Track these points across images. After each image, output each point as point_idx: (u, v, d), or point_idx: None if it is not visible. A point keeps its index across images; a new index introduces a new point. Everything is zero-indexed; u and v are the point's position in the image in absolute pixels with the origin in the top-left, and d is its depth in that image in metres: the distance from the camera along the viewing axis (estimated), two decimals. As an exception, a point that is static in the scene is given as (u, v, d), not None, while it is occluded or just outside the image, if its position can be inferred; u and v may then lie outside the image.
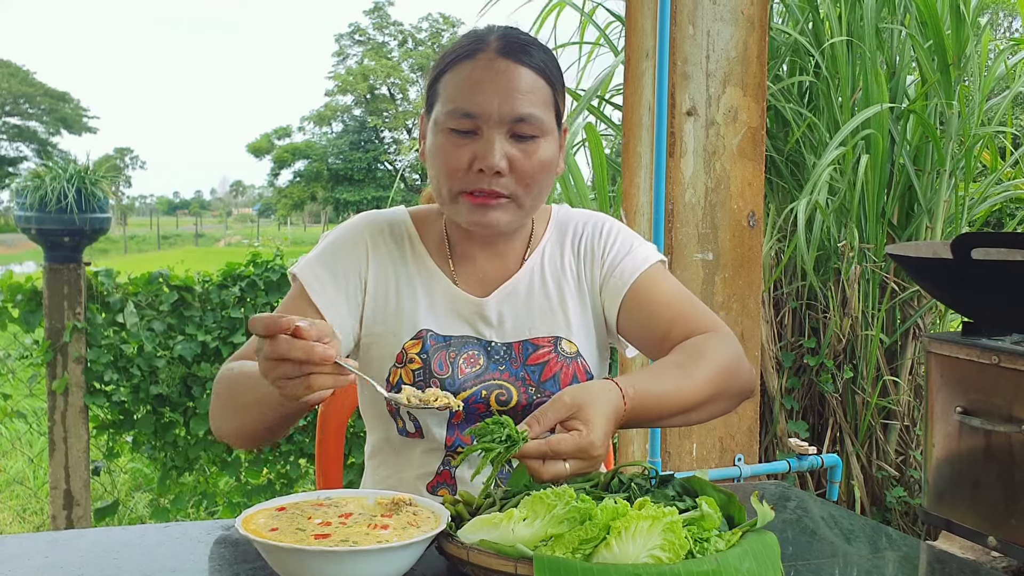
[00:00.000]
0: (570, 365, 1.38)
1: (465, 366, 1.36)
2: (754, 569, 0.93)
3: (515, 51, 1.31)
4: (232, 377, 1.27)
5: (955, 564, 1.14)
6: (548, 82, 1.33)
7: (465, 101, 1.29)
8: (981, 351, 2.26)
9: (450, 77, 1.33)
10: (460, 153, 1.30)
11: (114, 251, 29.46)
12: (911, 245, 3.03)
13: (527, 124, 1.30)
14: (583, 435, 1.06)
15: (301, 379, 1.04)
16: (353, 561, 0.94)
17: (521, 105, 1.29)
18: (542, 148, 1.32)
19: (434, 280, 1.40)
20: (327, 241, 1.42)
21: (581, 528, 0.95)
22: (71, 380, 3.32)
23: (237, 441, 1.30)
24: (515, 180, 1.31)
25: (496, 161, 1.28)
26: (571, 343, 1.40)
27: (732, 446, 2.57)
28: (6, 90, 38.91)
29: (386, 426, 1.40)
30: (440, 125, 1.32)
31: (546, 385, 1.36)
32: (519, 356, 1.38)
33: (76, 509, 3.37)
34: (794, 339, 3.38)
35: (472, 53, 1.32)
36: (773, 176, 3.37)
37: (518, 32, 1.36)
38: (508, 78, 1.29)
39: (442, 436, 1.36)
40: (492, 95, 1.29)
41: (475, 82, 1.30)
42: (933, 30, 3.26)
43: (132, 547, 1.13)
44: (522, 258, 1.44)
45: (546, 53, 1.35)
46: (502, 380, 1.36)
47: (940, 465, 2.39)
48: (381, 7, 39.53)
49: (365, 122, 37.84)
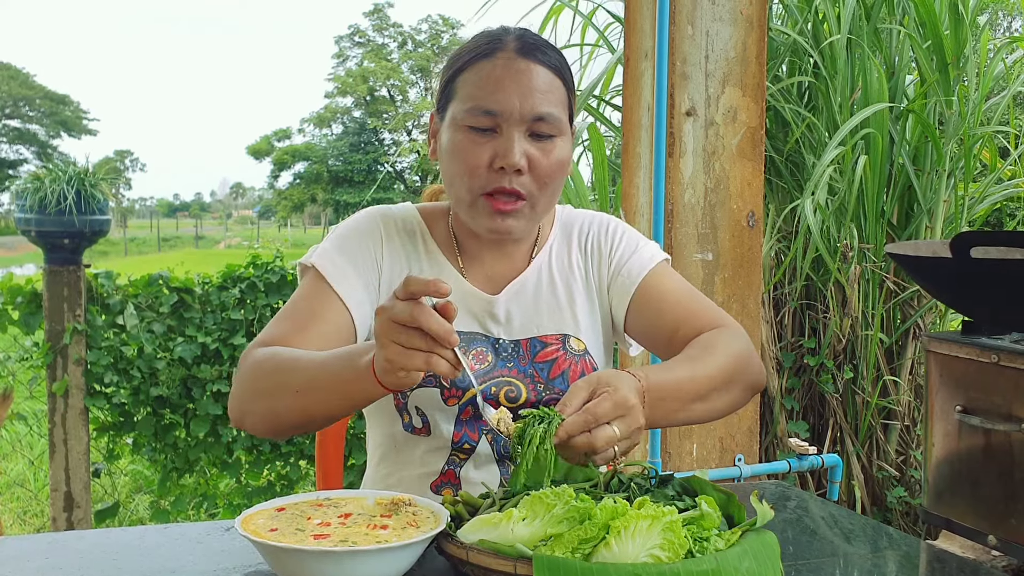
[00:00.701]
0: (578, 363, 1.39)
1: (474, 363, 1.36)
2: (754, 568, 0.93)
3: (533, 51, 1.32)
4: (280, 360, 1.21)
5: (955, 563, 1.14)
6: (563, 82, 1.35)
7: (486, 99, 1.29)
8: (980, 350, 2.26)
9: (469, 75, 1.33)
10: (480, 151, 1.30)
11: (114, 253, 29.46)
12: (910, 244, 3.03)
13: (546, 123, 1.30)
14: (614, 392, 1.06)
15: (425, 355, 1.02)
16: (352, 561, 0.94)
17: (540, 104, 1.30)
18: (559, 147, 1.33)
19: (446, 276, 1.40)
20: (340, 231, 1.41)
21: (580, 528, 0.95)
22: (71, 382, 3.32)
23: (267, 427, 1.24)
24: (533, 179, 1.31)
25: (517, 159, 1.28)
26: (579, 341, 1.40)
27: (732, 446, 2.57)
28: (6, 93, 38.92)
29: (391, 422, 1.39)
30: (458, 122, 1.32)
31: (555, 383, 1.37)
32: (527, 353, 1.38)
33: (76, 511, 3.37)
34: (794, 339, 3.38)
35: (491, 52, 1.32)
36: (772, 176, 3.37)
37: (533, 33, 1.37)
38: (528, 77, 1.30)
39: (449, 432, 1.36)
40: (512, 93, 1.29)
41: (496, 80, 1.30)
42: (932, 30, 3.26)
43: (132, 548, 1.13)
44: (529, 256, 1.45)
45: (559, 54, 1.36)
46: (511, 377, 1.36)
47: (940, 464, 2.39)
48: (381, 9, 39.54)
49: (365, 124, 37.84)
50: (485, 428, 1.37)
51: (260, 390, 1.22)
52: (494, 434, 1.36)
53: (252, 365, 1.23)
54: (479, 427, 1.37)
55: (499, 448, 1.37)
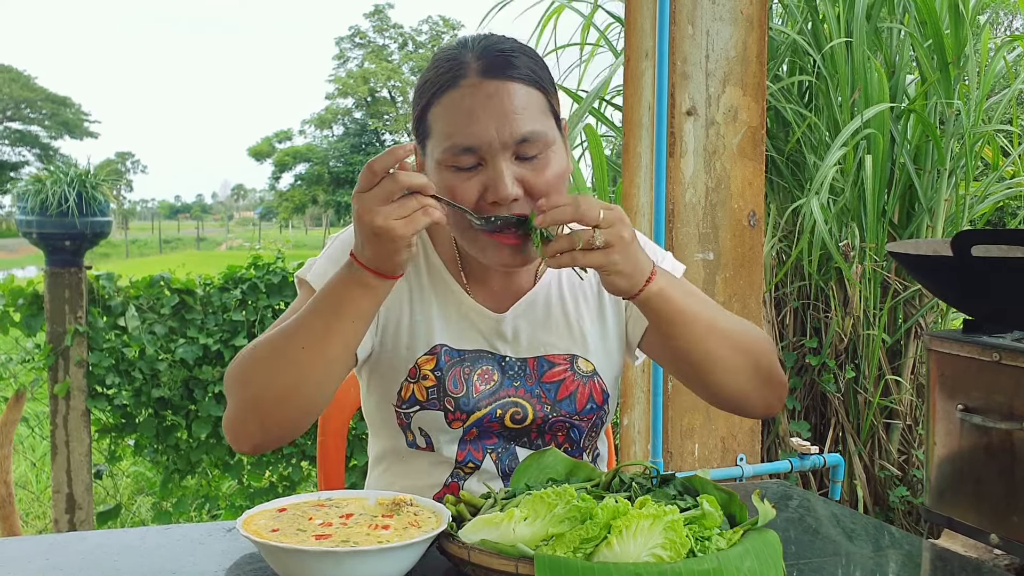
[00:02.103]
0: (586, 384, 1.35)
1: (480, 383, 1.32)
2: (756, 568, 0.93)
3: (499, 68, 1.22)
4: (272, 342, 1.18)
5: (957, 562, 1.14)
6: (540, 89, 1.25)
7: (460, 135, 1.20)
8: (982, 348, 2.25)
9: (437, 111, 1.24)
10: (468, 187, 1.21)
11: (115, 255, 29.47)
12: (911, 243, 3.03)
13: (530, 143, 1.21)
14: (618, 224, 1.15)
15: (421, 210, 1.09)
16: (354, 561, 0.94)
17: (520, 125, 1.21)
18: (552, 160, 1.24)
19: (449, 294, 1.35)
20: (336, 243, 1.35)
21: (582, 527, 0.95)
22: (73, 384, 3.32)
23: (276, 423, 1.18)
24: (531, 201, 1.22)
25: (509, 191, 1.20)
26: (588, 362, 1.36)
27: (734, 446, 2.57)
28: (8, 95, 38.95)
29: (394, 437, 1.37)
30: (440, 164, 1.23)
31: (562, 404, 1.34)
32: (534, 372, 1.34)
33: (78, 513, 3.37)
34: (796, 339, 3.37)
35: (454, 80, 1.22)
36: (774, 176, 3.37)
37: (497, 42, 1.27)
38: (500, 100, 1.20)
39: (453, 452, 1.34)
40: (487, 123, 1.20)
41: (466, 112, 1.20)
42: (932, 29, 3.26)
43: (133, 549, 1.13)
44: (536, 272, 1.39)
45: (529, 56, 1.27)
46: (517, 397, 1.33)
47: (942, 463, 2.39)
48: (381, 10, 39.57)
49: (366, 125, 37.85)
50: (491, 448, 1.34)
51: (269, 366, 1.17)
52: (499, 454, 1.35)
53: (241, 369, 1.20)
54: (483, 447, 1.34)
55: (503, 466, 1.35)
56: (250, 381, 1.18)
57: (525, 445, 1.35)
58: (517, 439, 1.35)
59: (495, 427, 1.33)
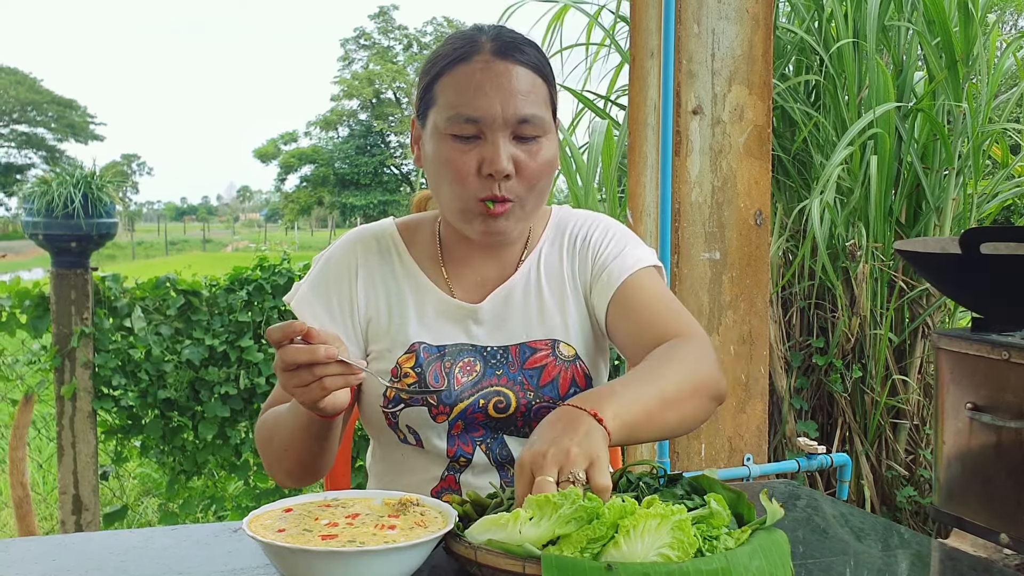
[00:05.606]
0: (568, 369, 1.36)
1: (461, 375, 1.34)
2: (764, 567, 0.92)
3: (511, 51, 1.29)
4: (269, 421, 1.33)
5: (967, 562, 1.13)
6: (544, 79, 1.32)
7: (467, 106, 1.27)
8: (991, 347, 2.24)
9: (447, 81, 1.30)
10: (466, 159, 1.27)
11: (122, 257, 29.56)
12: (919, 241, 3.02)
13: (530, 125, 1.28)
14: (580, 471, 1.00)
15: (316, 383, 1.10)
16: (360, 562, 0.94)
17: (523, 106, 1.27)
18: (545, 147, 1.30)
19: (424, 291, 1.38)
20: (317, 268, 1.42)
21: (589, 527, 0.94)
22: (79, 385, 3.32)
23: (292, 479, 1.33)
24: (521, 181, 1.28)
25: (504, 165, 1.26)
26: (569, 346, 1.37)
27: (741, 446, 2.56)
28: (14, 98, 39.09)
29: (387, 436, 1.39)
30: (441, 131, 1.29)
31: (544, 390, 1.34)
32: (516, 360, 1.36)
33: (85, 514, 3.37)
34: (802, 338, 3.36)
35: (467, 56, 1.29)
36: (780, 175, 3.36)
37: (509, 31, 1.34)
38: (508, 79, 1.27)
39: (443, 447, 1.35)
40: (494, 98, 1.26)
41: (475, 85, 1.27)
42: (940, 27, 3.25)
43: (139, 550, 1.13)
44: (518, 260, 1.41)
45: (537, 50, 1.33)
46: (500, 386, 1.34)
47: (951, 462, 2.37)
48: (386, 11, 39.62)
49: (371, 126, 37.91)
50: (479, 439, 1.35)
51: (269, 451, 1.33)
52: (488, 445, 1.35)
53: (258, 431, 1.37)
54: (472, 440, 1.35)
55: (495, 457, 1.35)
56: (266, 442, 1.34)
57: (513, 434, 1.36)
58: (503, 428, 1.36)
59: (480, 418, 1.34)
